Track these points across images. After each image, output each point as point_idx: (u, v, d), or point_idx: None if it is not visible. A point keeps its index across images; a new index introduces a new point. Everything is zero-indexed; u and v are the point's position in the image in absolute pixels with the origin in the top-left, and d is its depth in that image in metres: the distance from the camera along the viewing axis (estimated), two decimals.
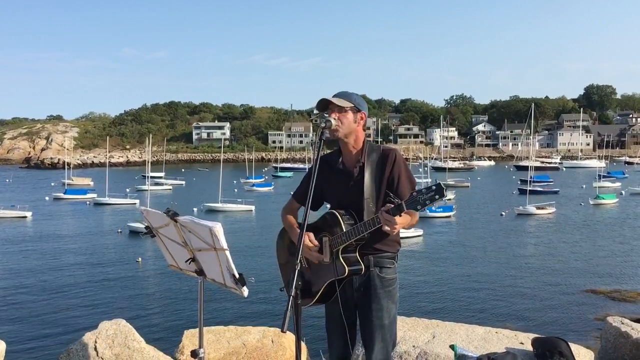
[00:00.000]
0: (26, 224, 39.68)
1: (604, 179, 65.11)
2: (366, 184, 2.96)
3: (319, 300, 3.04)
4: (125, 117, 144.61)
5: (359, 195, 2.97)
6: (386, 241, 2.99)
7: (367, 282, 3.02)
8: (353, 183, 3.01)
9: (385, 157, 3.00)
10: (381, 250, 3.01)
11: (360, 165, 3.01)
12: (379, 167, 3.00)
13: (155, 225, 3.19)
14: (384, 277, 3.02)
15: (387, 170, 2.98)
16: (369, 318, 3.02)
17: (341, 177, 3.06)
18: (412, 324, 5.28)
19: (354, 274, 2.94)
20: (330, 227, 2.97)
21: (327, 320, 3.18)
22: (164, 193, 60.30)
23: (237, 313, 17.73)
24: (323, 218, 3.03)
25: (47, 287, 22.30)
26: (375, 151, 3.05)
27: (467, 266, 25.67)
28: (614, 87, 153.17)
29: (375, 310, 3.01)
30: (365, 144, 3.07)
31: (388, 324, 3.04)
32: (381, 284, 3.02)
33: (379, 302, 3.01)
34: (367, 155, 3.02)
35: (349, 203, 3.00)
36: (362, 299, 3.04)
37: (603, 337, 5.41)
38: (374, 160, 3.01)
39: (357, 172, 3.01)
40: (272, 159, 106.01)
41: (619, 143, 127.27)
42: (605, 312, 17.45)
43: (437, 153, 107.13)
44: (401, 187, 2.93)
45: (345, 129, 2.97)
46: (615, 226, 37.32)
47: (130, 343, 4.72)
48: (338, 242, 2.91)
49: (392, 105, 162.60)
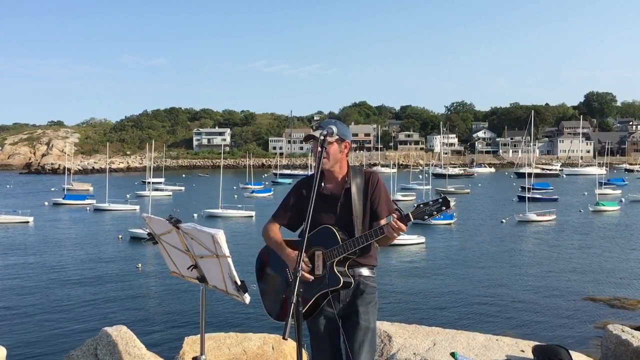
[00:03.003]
0: (28, 230, 39.67)
1: (605, 186, 65.13)
2: (354, 204, 3.16)
3: (306, 312, 3.10)
4: (125, 123, 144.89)
5: (348, 215, 3.16)
6: (368, 257, 3.20)
7: (355, 291, 3.17)
8: (340, 205, 3.19)
9: (368, 180, 3.24)
10: (365, 265, 3.20)
11: (347, 188, 3.20)
12: (363, 189, 3.22)
13: (157, 232, 3.20)
14: (368, 284, 3.20)
15: (369, 192, 3.21)
16: (357, 321, 3.13)
17: (327, 201, 3.21)
18: (412, 331, 5.28)
19: (346, 286, 3.09)
20: (324, 241, 3.10)
21: (312, 338, 3.26)
22: (164, 199, 60.29)
23: (237, 319, 17.72)
24: (317, 233, 3.13)
25: (48, 293, 22.26)
26: (359, 174, 3.26)
27: (468, 273, 25.64)
28: (614, 95, 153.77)
29: (363, 313, 3.15)
30: (349, 168, 3.26)
31: (373, 327, 3.19)
32: (367, 291, 3.19)
33: (366, 306, 3.17)
34: (351, 179, 3.22)
35: (338, 222, 3.17)
36: (349, 307, 3.16)
37: (604, 345, 5.41)
38: (358, 183, 3.22)
39: (342, 195, 3.20)
40: (272, 165, 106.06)
41: (619, 150, 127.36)
42: (606, 320, 17.41)
43: (437, 160, 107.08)
44: (380, 208, 3.20)
45: (332, 161, 3.16)
46: (616, 233, 37.30)
47: (131, 349, 4.73)
48: (334, 254, 3.06)
49: (393, 111, 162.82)
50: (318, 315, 3.16)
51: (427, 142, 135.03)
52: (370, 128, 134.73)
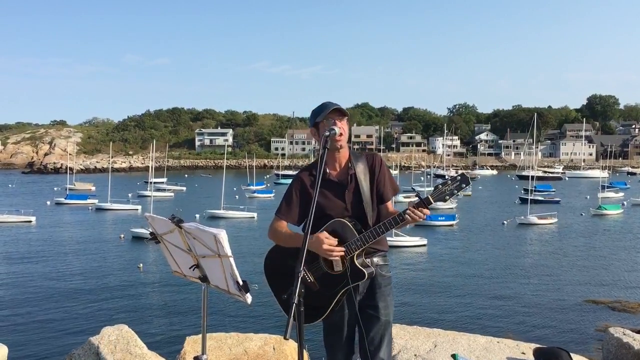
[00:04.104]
0: (31, 229, 39.74)
1: (607, 189, 65.06)
2: (362, 190, 3.03)
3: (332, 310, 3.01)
4: (128, 122, 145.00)
5: (359, 203, 3.03)
6: (380, 241, 3.06)
7: (372, 282, 3.08)
8: (348, 192, 3.05)
9: (372, 163, 3.11)
10: (379, 250, 3.11)
11: (352, 174, 3.05)
12: (367, 173, 3.09)
13: (159, 232, 3.21)
14: (384, 275, 3.12)
15: (375, 174, 3.09)
16: (377, 316, 3.07)
17: (334, 187, 3.06)
18: (413, 332, 5.29)
19: (370, 277, 2.99)
20: (340, 236, 2.94)
21: (328, 335, 3.16)
22: (166, 199, 60.34)
23: (239, 319, 17.73)
24: (329, 227, 2.98)
25: (50, 292, 22.31)
26: (360, 159, 3.12)
27: (469, 275, 25.63)
28: (616, 98, 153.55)
29: (383, 307, 3.08)
30: (350, 153, 3.12)
31: (391, 320, 3.15)
32: (384, 282, 3.11)
33: (385, 300, 3.10)
34: (354, 164, 3.08)
35: (348, 211, 3.03)
36: (368, 300, 3.08)
37: (604, 348, 5.41)
38: (362, 167, 3.08)
39: (350, 181, 3.05)
40: (274, 165, 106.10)
41: (621, 153, 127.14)
42: (607, 322, 17.39)
43: (440, 161, 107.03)
44: (386, 190, 3.10)
45: (345, 138, 3.03)
46: (617, 236, 37.24)
47: (132, 349, 4.74)
48: (353, 248, 2.91)
49: (395, 113, 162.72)
50: (339, 309, 3.05)
51: (429, 144, 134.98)
52: (372, 129, 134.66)
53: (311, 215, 2.67)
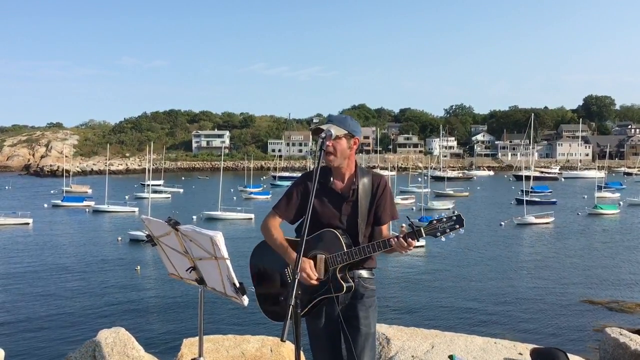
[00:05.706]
0: (28, 231, 39.65)
1: (603, 189, 65.20)
2: (360, 205, 3.07)
3: (304, 312, 3.06)
4: (125, 124, 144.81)
5: (354, 217, 3.07)
6: (369, 260, 3.10)
7: (354, 293, 3.10)
8: (346, 204, 3.09)
9: (377, 184, 3.14)
10: (365, 268, 3.13)
11: (354, 188, 3.09)
12: (370, 191, 3.12)
13: (156, 234, 3.21)
14: (367, 287, 3.13)
15: (377, 195, 3.12)
16: (357, 327, 3.08)
17: (334, 197, 3.11)
18: (410, 333, 5.29)
19: (348, 291, 3.02)
20: (327, 246, 3.01)
21: (312, 339, 3.20)
22: (163, 201, 60.24)
23: (236, 321, 17.70)
24: (319, 236, 3.04)
25: (47, 294, 22.24)
26: (366, 176, 3.15)
27: (467, 276, 25.65)
28: (612, 98, 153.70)
29: (364, 318, 3.09)
30: (357, 167, 3.16)
31: (374, 332, 3.14)
32: (366, 294, 3.13)
33: (366, 311, 3.11)
34: (359, 179, 3.11)
35: (342, 223, 3.08)
36: (349, 311, 3.10)
37: (602, 348, 5.42)
38: (366, 184, 3.12)
39: (351, 195, 3.09)
40: (271, 167, 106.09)
41: (617, 154, 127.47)
42: (604, 323, 17.42)
43: (437, 163, 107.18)
44: (384, 214, 3.12)
45: (340, 157, 3.05)
46: (614, 237, 37.33)
47: (129, 351, 4.73)
48: (337, 260, 2.97)
49: (392, 114, 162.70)
50: (317, 317, 3.11)
51: (426, 145, 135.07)
52: (369, 131, 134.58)
53: (306, 222, 2.70)
